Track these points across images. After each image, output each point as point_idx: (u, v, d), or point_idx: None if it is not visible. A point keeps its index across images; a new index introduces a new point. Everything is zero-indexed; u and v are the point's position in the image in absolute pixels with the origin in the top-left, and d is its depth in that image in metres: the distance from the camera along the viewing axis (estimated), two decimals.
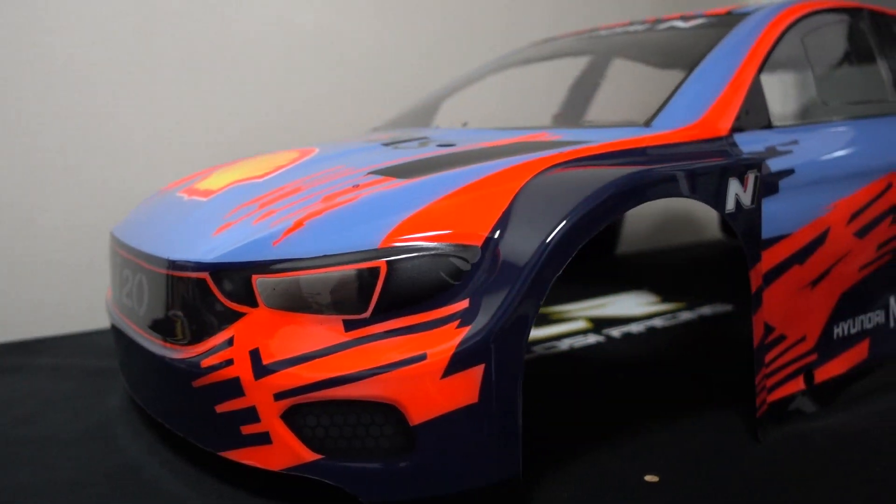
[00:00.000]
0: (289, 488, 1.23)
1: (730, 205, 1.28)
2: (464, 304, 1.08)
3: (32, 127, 2.19)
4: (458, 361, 1.05)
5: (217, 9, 2.43)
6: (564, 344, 2.05)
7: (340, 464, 1.11)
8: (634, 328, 2.18)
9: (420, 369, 1.05)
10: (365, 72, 2.69)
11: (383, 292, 1.09)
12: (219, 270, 1.17)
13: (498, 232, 1.12)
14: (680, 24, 1.85)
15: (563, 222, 1.09)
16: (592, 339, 2.09)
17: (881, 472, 1.28)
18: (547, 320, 2.29)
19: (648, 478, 1.26)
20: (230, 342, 1.15)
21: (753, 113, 1.50)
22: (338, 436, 1.10)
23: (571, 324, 2.24)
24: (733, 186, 1.29)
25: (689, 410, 1.55)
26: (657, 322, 2.24)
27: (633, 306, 2.42)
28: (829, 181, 1.53)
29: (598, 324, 2.23)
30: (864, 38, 1.88)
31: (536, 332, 2.16)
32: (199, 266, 1.19)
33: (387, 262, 1.09)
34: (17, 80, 2.16)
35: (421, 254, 1.10)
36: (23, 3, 2.15)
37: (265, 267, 1.14)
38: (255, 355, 1.12)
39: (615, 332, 2.14)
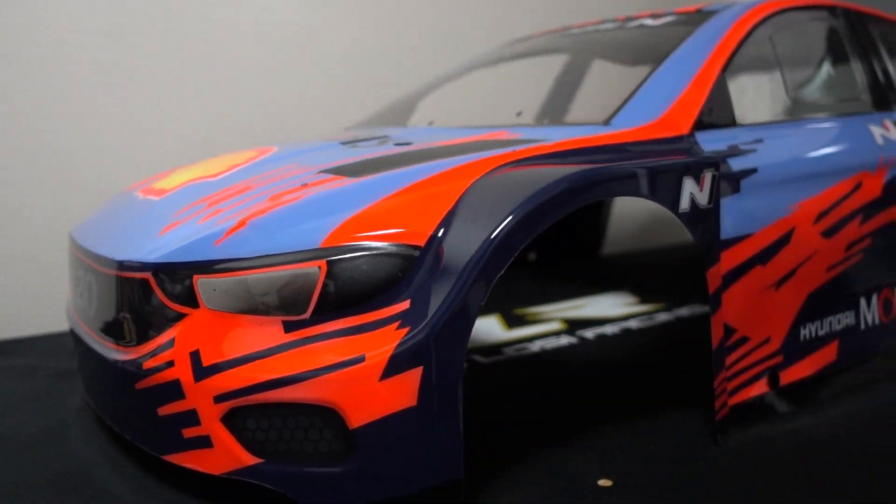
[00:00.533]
0: (236, 493, 1.21)
1: (684, 204, 1.26)
2: (405, 304, 1.06)
3: (7, 125, 2.17)
4: (397, 364, 1.03)
5: (198, 7, 2.41)
6: (536, 346, 2.03)
7: (281, 468, 1.09)
8: (609, 330, 2.15)
9: (358, 372, 1.03)
10: (347, 70, 2.67)
11: (323, 293, 1.07)
12: (161, 270, 1.15)
13: (442, 231, 1.10)
14: (649, 21, 1.83)
15: (505, 222, 1.07)
16: (565, 340, 2.07)
17: (843, 476, 1.26)
18: (522, 321, 2.27)
19: (601, 482, 1.24)
20: (171, 344, 1.13)
21: (717, 111, 1.48)
22: (277, 439, 1.08)
23: (546, 325, 2.22)
24: (688, 186, 1.27)
25: (653, 413, 1.52)
26: (633, 323, 2.22)
27: (610, 307, 2.40)
28: (795, 180, 1.51)
29: (573, 325, 2.20)
30: (838, 36, 1.86)
31: (509, 334, 2.14)
32: (143, 266, 1.17)
33: (327, 262, 1.07)
34: None
35: (362, 254, 1.08)
36: (4, 2, 2.14)
37: (206, 267, 1.12)
38: (195, 357, 1.10)
39: (589, 333, 2.12)
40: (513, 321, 2.27)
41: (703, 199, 1.29)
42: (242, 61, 2.51)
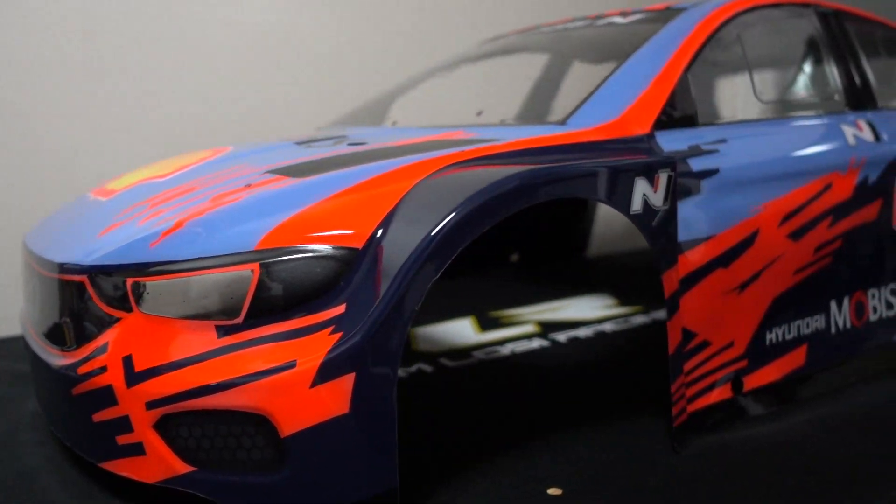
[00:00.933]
0: (176, 502, 1.18)
1: (636, 206, 1.23)
2: (340, 309, 1.03)
3: None
4: (328, 370, 1.00)
5: (169, 7, 2.39)
6: (506, 349, 1.99)
7: (213, 476, 1.06)
8: (583, 333, 2.12)
9: (289, 378, 1.00)
10: (327, 69, 2.64)
11: (256, 297, 1.04)
12: (96, 273, 1.13)
13: (381, 232, 1.07)
14: (619, 19, 1.80)
15: (440, 224, 1.04)
16: (537, 343, 2.04)
17: (800, 484, 1.22)
18: (496, 324, 2.24)
19: (551, 491, 1.21)
20: (105, 348, 1.10)
21: (679, 111, 1.45)
22: (210, 447, 1.06)
23: (519, 328, 2.19)
24: (640, 186, 1.23)
25: (615, 419, 1.49)
26: (608, 326, 2.18)
27: (587, 310, 2.36)
28: (760, 181, 1.48)
29: (547, 328, 2.17)
30: (812, 34, 1.82)
31: (481, 337, 2.11)
32: (80, 269, 1.15)
33: (261, 264, 1.04)
34: None
35: (298, 256, 1.05)
36: None
37: (140, 270, 1.09)
38: (127, 362, 1.08)
39: (562, 336, 2.09)
40: (487, 323, 2.24)
41: (657, 200, 1.26)
42: (219, 61, 2.48)
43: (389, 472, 1.05)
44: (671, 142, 1.39)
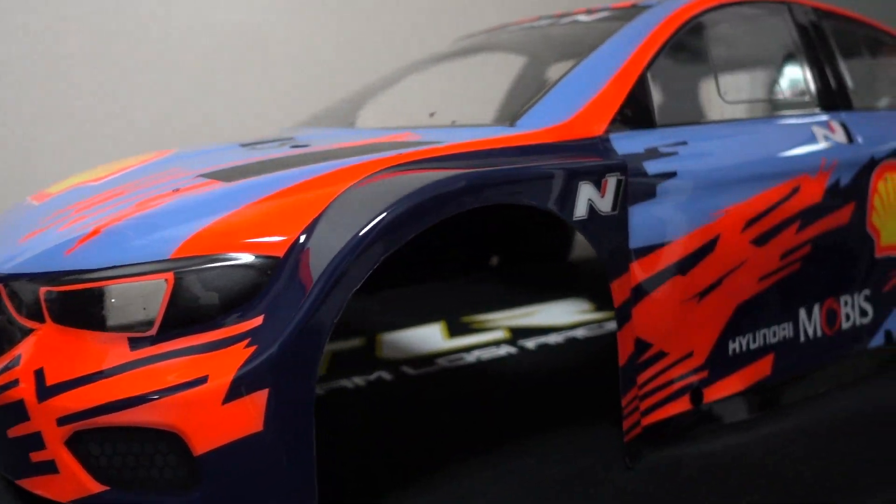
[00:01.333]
0: None
1: (580, 211, 1.17)
2: (257, 321, 0.98)
3: None
4: (241, 386, 0.95)
5: (134, 6, 2.34)
6: (472, 356, 1.94)
7: (126, 496, 1.01)
8: (553, 339, 2.07)
9: (200, 394, 0.95)
10: (291, 71, 2.59)
11: (170, 308, 0.99)
12: (11, 281, 1.08)
13: (304, 240, 1.02)
14: (583, 17, 1.74)
15: (361, 232, 0.98)
16: (504, 350, 1.98)
17: (754, 501, 1.17)
18: (467, 329, 2.19)
19: None
20: (18, 360, 1.05)
21: (638, 112, 1.39)
22: (122, 466, 1.00)
23: (489, 334, 2.14)
24: (585, 191, 1.18)
25: (570, 431, 1.44)
26: (579, 332, 2.13)
27: (561, 315, 2.31)
28: (721, 185, 1.42)
29: (517, 334, 2.12)
30: (785, 33, 1.76)
31: (448, 343, 2.05)
32: None
33: (175, 274, 0.99)
34: None
35: (214, 265, 1.00)
36: None
37: (53, 278, 1.04)
38: (39, 376, 1.02)
39: (531, 343, 2.04)
40: (457, 329, 2.19)
41: (604, 205, 1.21)
42: (188, 61, 2.43)
43: (307, 492, 0.99)
44: (627, 144, 1.34)
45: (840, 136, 1.67)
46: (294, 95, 2.60)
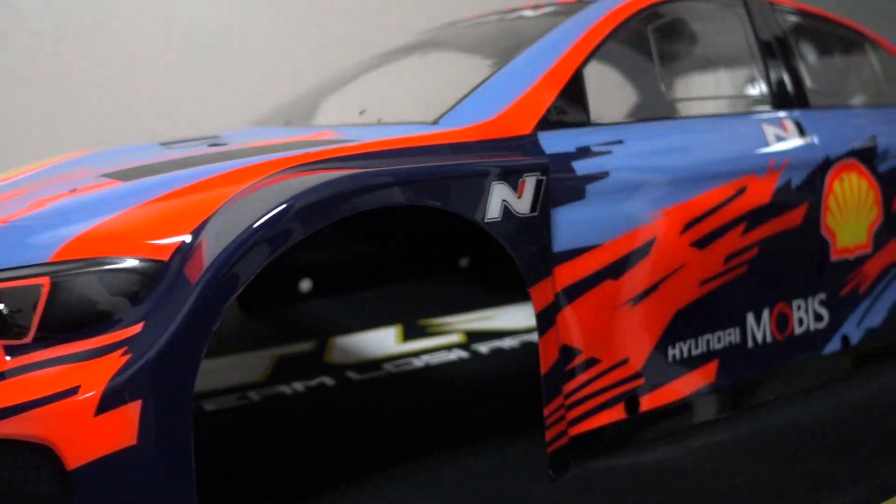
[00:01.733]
0: None
1: (492, 213, 1.12)
2: (136, 328, 0.93)
3: None
4: (112, 397, 0.90)
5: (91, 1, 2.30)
6: (421, 361, 1.89)
7: None
8: (508, 343, 2.02)
9: (72, 405, 0.90)
10: (253, 66, 2.55)
11: (46, 314, 0.94)
12: None
13: (190, 243, 0.97)
14: (529, 13, 1.69)
15: (243, 236, 0.93)
16: (455, 355, 1.93)
17: None
18: (423, 333, 2.14)
19: None
20: None
21: (571, 110, 1.34)
22: None
23: (444, 337, 2.09)
24: (499, 192, 1.13)
25: (503, 439, 1.38)
26: (535, 336, 2.07)
27: (520, 318, 2.25)
28: (658, 186, 1.37)
29: (473, 337, 2.07)
30: (737, 29, 1.71)
31: (400, 347, 2.01)
32: None
33: (51, 278, 0.94)
34: None
35: (95, 269, 0.95)
36: None
37: None
38: None
39: (484, 347, 1.99)
40: (412, 333, 2.14)
41: (522, 206, 1.15)
42: (140, 59, 2.39)
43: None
44: (556, 143, 1.29)
45: (793, 135, 1.62)
46: (265, 95, 2.55)
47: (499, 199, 1.12)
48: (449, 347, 1.99)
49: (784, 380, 1.59)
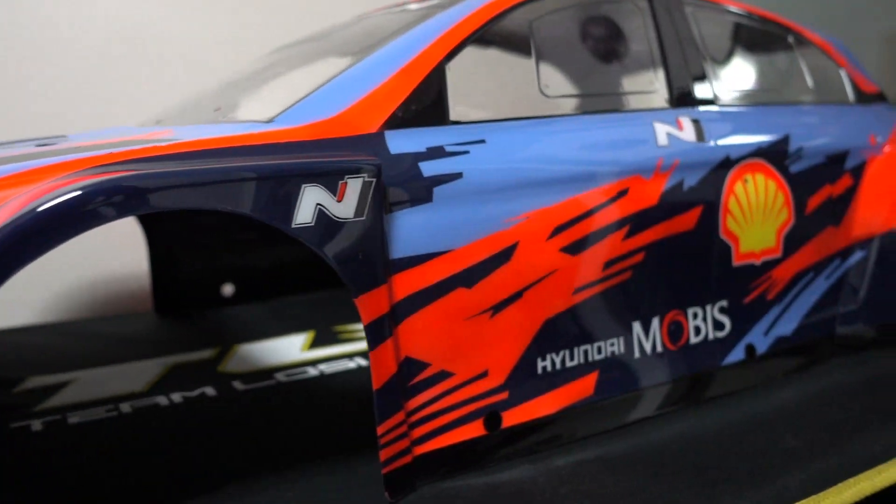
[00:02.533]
0: None
1: (303, 217, 1.04)
2: None
3: None
4: None
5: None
6: (317, 369, 1.81)
7: None
8: None
9: None
10: (183, 66, 2.48)
11: None
12: None
13: None
14: (413, 6, 1.61)
15: None
16: (355, 363, 1.86)
17: None
18: (333, 340, 2.06)
19: None
20: None
21: (427, 108, 1.26)
22: None
23: (352, 344, 2.02)
24: (311, 195, 1.04)
25: (358, 456, 1.30)
26: None
27: None
28: (521, 187, 1.29)
29: None
30: (634, 23, 1.63)
31: (303, 355, 1.93)
32: None
33: None
34: None
35: None
36: None
37: None
38: None
39: None
40: (323, 339, 2.07)
41: (343, 210, 1.07)
42: (70, 56, 2.32)
43: None
44: (405, 143, 1.21)
45: (688, 134, 1.54)
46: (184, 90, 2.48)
47: (311, 203, 1.04)
48: (351, 356, 1.91)
49: (677, 392, 1.51)
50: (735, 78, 1.76)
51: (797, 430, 1.37)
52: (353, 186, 1.08)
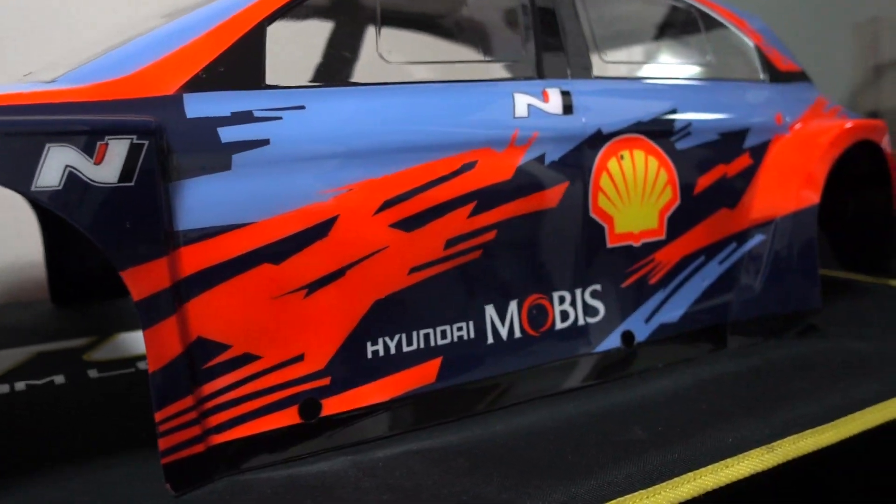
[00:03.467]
0: None
1: (47, 180, 0.94)
2: None
3: None
4: None
5: None
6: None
7: None
8: None
9: None
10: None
11: None
12: None
13: None
14: None
15: None
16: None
17: None
18: None
19: None
20: None
21: (238, 70, 1.17)
22: None
23: None
24: (59, 155, 0.95)
25: (144, 454, 1.20)
26: None
27: None
28: (344, 157, 1.20)
29: None
30: None
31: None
32: None
33: None
34: None
35: None
36: None
37: None
38: None
39: None
40: None
41: (102, 174, 0.98)
42: None
43: None
44: (206, 106, 1.12)
45: (553, 107, 1.44)
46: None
47: (59, 165, 0.95)
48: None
49: (537, 380, 1.41)
50: (620, 51, 1.66)
51: (651, 421, 1.27)
52: (117, 149, 0.99)
